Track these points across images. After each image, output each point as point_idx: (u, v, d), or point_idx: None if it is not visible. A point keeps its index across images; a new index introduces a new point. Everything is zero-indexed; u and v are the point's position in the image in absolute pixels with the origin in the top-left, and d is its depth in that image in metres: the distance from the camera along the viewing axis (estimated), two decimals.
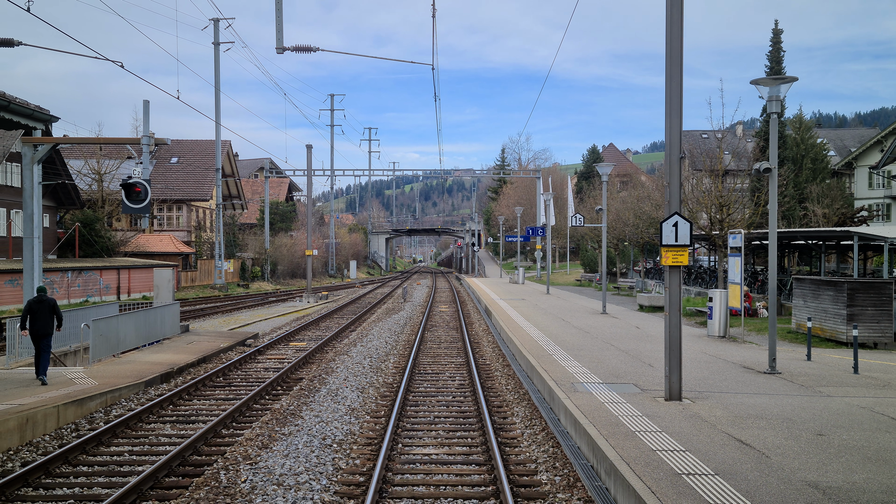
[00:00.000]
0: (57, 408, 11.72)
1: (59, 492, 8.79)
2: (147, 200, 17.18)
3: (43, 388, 13.32)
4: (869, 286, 17.65)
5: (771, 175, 13.18)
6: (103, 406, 13.15)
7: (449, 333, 24.59)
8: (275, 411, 12.64)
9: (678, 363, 10.66)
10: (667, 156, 10.51)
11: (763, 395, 11.26)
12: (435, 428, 11.74)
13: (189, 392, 14.54)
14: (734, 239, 17.86)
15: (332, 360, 18.65)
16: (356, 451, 10.35)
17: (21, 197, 41.64)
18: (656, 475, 7.16)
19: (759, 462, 7.57)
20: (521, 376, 15.47)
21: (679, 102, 10.24)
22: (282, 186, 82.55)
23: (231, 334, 23.30)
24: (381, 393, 14.50)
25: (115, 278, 41.18)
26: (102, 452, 10.46)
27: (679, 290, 10.64)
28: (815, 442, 8.41)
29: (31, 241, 17.58)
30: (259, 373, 17.25)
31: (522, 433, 11.27)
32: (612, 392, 11.55)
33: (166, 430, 11.79)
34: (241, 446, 10.37)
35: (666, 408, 10.29)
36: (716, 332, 19.19)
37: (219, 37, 47.87)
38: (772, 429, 9.04)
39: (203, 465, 9.92)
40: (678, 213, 10.53)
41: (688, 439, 8.51)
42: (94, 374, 15.14)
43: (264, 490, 8.54)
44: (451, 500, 8.33)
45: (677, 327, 10.67)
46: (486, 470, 9.49)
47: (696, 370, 13.73)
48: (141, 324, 19.13)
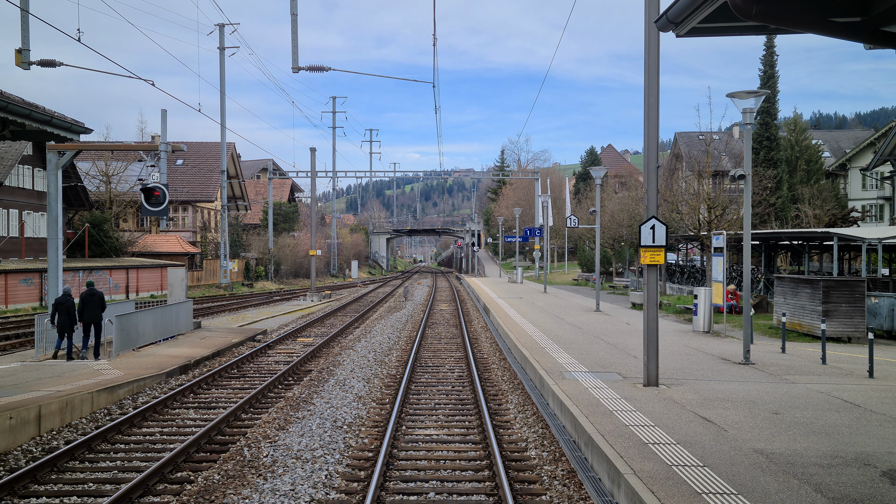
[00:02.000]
0: (91, 394, 12.86)
1: (102, 465, 9.93)
2: (165, 204, 18.34)
3: (76, 376, 14.45)
4: (843, 284, 18.78)
5: (746, 181, 14.31)
6: (130, 394, 14.29)
7: (449, 330, 25.71)
8: (288, 399, 13.77)
9: (655, 352, 11.80)
10: (645, 167, 11.64)
11: (733, 382, 12.40)
12: (435, 413, 12.86)
13: (207, 382, 15.68)
14: (717, 240, 18.97)
15: (338, 354, 19.78)
16: (364, 432, 11.48)
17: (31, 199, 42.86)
18: (626, 444, 8.30)
19: (716, 434, 8.72)
20: (516, 368, 16.60)
21: (656, 125, 11.38)
22: (284, 187, 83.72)
23: (241, 330, 24.44)
24: (385, 383, 15.63)
25: (123, 278, 42.32)
26: (136, 433, 11.60)
27: (656, 287, 11.77)
28: (770, 419, 9.56)
29: (55, 241, 18.72)
30: (270, 365, 18.38)
31: (515, 417, 12.39)
32: (597, 379, 12.70)
33: (190, 415, 12.92)
34: (261, 428, 11.50)
35: (643, 392, 11.44)
36: (701, 328, 20.31)
37: (224, 42, 49.03)
38: (734, 409, 10.18)
39: (227, 443, 11.06)
40: (655, 216, 11.67)
41: (658, 417, 9.65)
42: (118, 365, 16.28)
43: (284, 463, 9.67)
44: (450, 472, 9.45)
45: (654, 320, 11.80)
46: (481, 447, 10.62)
47: (676, 361, 14.86)
48: (158, 320, 20.27)
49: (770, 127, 57.15)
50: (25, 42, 12.59)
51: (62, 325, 16.60)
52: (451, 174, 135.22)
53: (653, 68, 11.30)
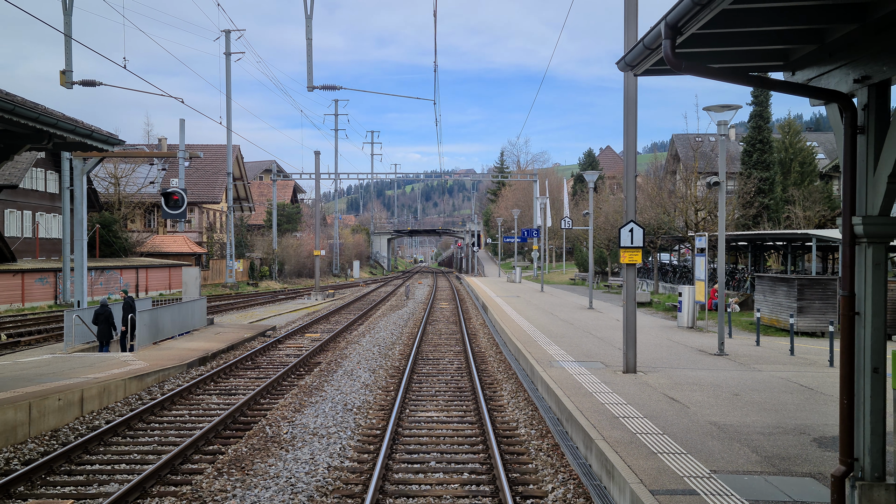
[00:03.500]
0: (124, 381, 14.19)
1: (142, 440, 11.26)
2: (184, 207, 19.68)
3: (106, 366, 15.78)
4: (816, 283, 20.10)
5: (720, 188, 15.63)
6: (157, 382, 15.62)
7: (448, 327, 27.04)
8: (301, 387, 15.09)
9: (633, 343, 13.12)
10: (625, 176, 12.97)
11: (704, 370, 13.73)
12: (436, 399, 14.17)
13: (225, 372, 17.00)
14: (700, 241, 20.29)
15: (344, 348, 21.11)
16: (372, 414, 12.80)
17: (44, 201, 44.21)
18: (600, 418, 9.63)
19: (679, 411, 10.04)
20: (511, 360, 17.93)
21: (634, 140, 12.71)
22: (287, 188, 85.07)
23: (251, 326, 25.78)
24: (389, 373, 16.95)
25: (133, 277, 43.66)
26: (167, 415, 12.92)
27: (634, 284, 13.10)
28: (729, 399, 10.88)
29: (80, 242, 20.05)
30: (282, 358, 19.71)
31: (508, 402, 13.70)
32: (582, 367, 14.03)
33: (214, 400, 14.25)
34: (279, 410, 12.82)
35: (622, 377, 12.76)
36: (685, 324, 21.64)
37: (230, 47, 50.30)
38: (700, 391, 11.51)
39: (250, 423, 12.38)
40: (633, 220, 12.99)
41: (631, 397, 10.98)
42: (142, 357, 17.61)
43: (302, 438, 10.99)
44: (449, 446, 10.77)
45: (633, 314, 13.12)
46: (476, 427, 11.94)
47: (657, 352, 16.19)
48: (176, 316, 21.61)
49: (763, 130, 58.40)
50: (68, 64, 13.88)
51: (102, 334, 18.08)
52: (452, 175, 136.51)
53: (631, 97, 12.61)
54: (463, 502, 8.29)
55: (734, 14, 5.70)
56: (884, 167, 5.72)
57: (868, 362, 5.91)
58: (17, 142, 12.53)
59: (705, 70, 6.03)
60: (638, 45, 6.49)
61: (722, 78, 6.13)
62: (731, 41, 6.68)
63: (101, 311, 18.10)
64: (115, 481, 9.19)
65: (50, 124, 11.52)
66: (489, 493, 8.60)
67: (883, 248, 5.89)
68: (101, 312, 18.06)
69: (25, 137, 12.39)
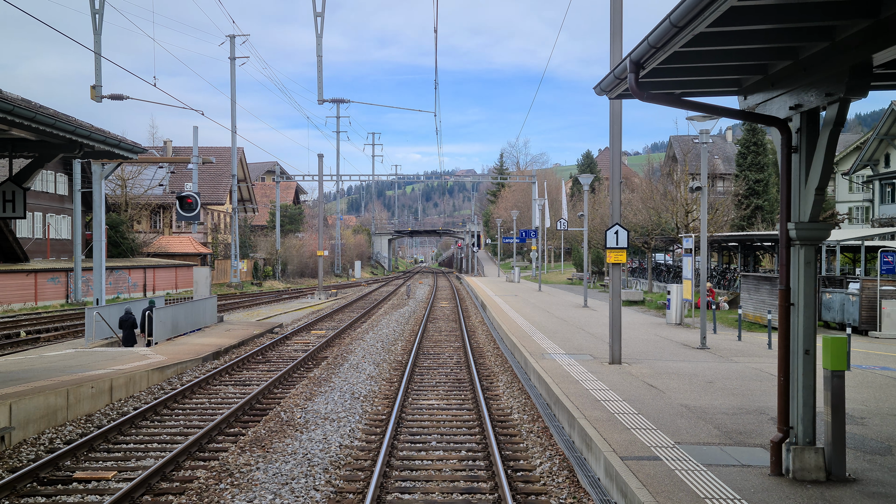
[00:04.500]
0: (147, 372, 15.29)
1: (169, 423, 12.36)
2: (197, 210, 20.78)
3: (127, 359, 16.87)
4: None
5: (702, 192, 16.72)
6: (176, 374, 16.72)
7: (448, 324, 28.14)
8: (310, 378, 16.19)
9: (619, 336, 14.22)
10: (611, 184, 14.06)
11: (685, 362, 14.82)
12: (436, 389, 15.27)
13: (239, 365, 18.10)
14: (687, 242, 21.39)
15: (349, 343, 22.20)
16: (378, 402, 13.89)
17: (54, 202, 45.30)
18: (584, 401, 10.72)
19: (656, 395, 11.14)
20: (507, 354, 19.02)
21: (619, 151, 13.81)
22: (289, 189, 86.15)
23: (259, 324, 26.88)
24: (392, 366, 18.04)
25: (141, 277, 44.78)
26: (188, 402, 14.02)
27: (619, 282, 14.20)
28: (702, 386, 11.98)
29: (100, 243, 21.16)
30: (290, 353, 20.81)
31: (503, 392, 14.79)
32: (571, 359, 15.13)
33: (230, 390, 15.35)
34: (291, 399, 13.92)
35: (607, 368, 13.86)
36: (673, 321, 22.73)
37: (234, 52, 51.44)
38: (677, 379, 12.61)
39: (266, 409, 13.48)
40: (619, 223, 14.09)
41: (614, 384, 12.08)
42: (160, 351, 18.71)
43: (315, 422, 12.08)
44: (448, 429, 11.86)
45: (618, 309, 14.22)
46: (474, 413, 13.03)
47: (643, 346, 17.28)
48: (189, 313, 22.71)
49: (757, 132, 59.50)
50: (98, 79, 15.05)
51: (127, 339, 19.33)
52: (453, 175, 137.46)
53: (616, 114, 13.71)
54: (461, 475, 9.37)
55: (686, 54, 6.80)
56: (812, 181, 6.82)
57: (801, 345, 7.01)
58: (52, 151, 13.64)
59: (664, 98, 7.13)
60: (609, 75, 7.59)
61: (679, 106, 7.23)
62: (691, 73, 7.78)
63: (126, 318, 19.41)
64: (150, 457, 10.29)
65: (83, 136, 12.62)
66: (484, 468, 9.69)
67: (813, 249, 6.99)
68: (125, 319, 19.38)
69: (59, 147, 13.49)
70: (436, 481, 9.09)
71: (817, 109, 6.89)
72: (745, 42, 6.77)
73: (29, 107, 10.86)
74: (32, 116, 10.85)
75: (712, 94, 8.63)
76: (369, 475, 9.26)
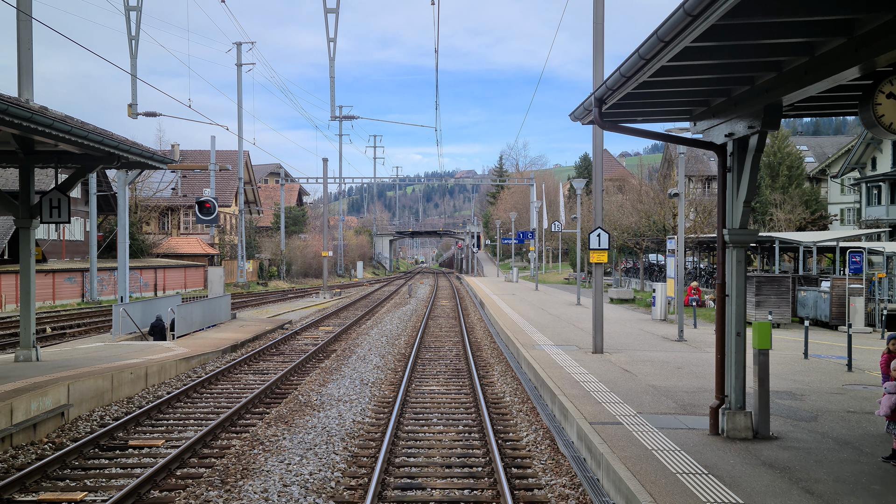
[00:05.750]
0: (175, 362, 16.91)
1: (201, 404, 13.97)
2: (216, 213, 22.42)
3: (154, 351, 18.49)
4: (772, 280, 22.79)
5: (679, 198, 18.33)
6: (199, 364, 18.34)
7: (448, 321, 29.75)
8: (322, 368, 17.80)
9: (601, 328, 15.83)
10: (594, 192, 15.66)
11: (661, 351, 16.43)
12: (437, 377, 16.87)
13: (255, 357, 19.72)
14: (671, 243, 22.98)
15: (355, 338, 23.82)
16: (384, 388, 15.50)
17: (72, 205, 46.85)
18: (565, 383, 12.34)
19: (629, 378, 12.75)
20: (503, 347, 20.63)
21: (600, 168, 15.42)
22: (292, 191, 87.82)
23: (270, 321, 28.50)
24: (396, 358, 19.64)
25: (152, 276, 46.42)
26: (215, 388, 15.63)
27: (601, 280, 15.80)
28: (671, 371, 13.59)
29: (124, 245, 22.77)
30: (302, 346, 22.42)
31: (497, 379, 16.39)
32: (559, 349, 16.75)
33: (250, 378, 16.96)
34: (307, 385, 15.53)
35: (590, 357, 15.48)
36: (658, 317, 24.34)
37: (241, 59, 53.00)
38: (650, 366, 14.22)
39: (285, 393, 15.08)
40: (601, 227, 15.70)
41: (594, 370, 13.69)
42: (182, 344, 20.32)
43: (330, 403, 13.69)
44: (448, 409, 13.46)
45: (600, 304, 15.83)
46: (470, 396, 14.63)
47: (626, 339, 18.89)
48: (206, 310, 24.34)
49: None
50: (134, 98, 16.69)
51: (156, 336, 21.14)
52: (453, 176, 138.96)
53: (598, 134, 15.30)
54: (458, 444, 10.97)
55: (638, 94, 8.41)
56: (741, 195, 8.43)
57: (734, 328, 8.62)
58: (94, 163, 15.26)
59: (623, 128, 8.76)
60: (580, 107, 9.21)
61: (634, 135, 8.84)
62: (648, 105, 9.41)
63: (157, 323, 21.24)
64: (189, 430, 11.91)
65: (125, 150, 14.25)
66: (478, 439, 11.30)
67: (743, 250, 8.60)
68: (156, 325, 21.26)
69: (100, 159, 15.11)
70: (437, 448, 10.70)
71: (746, 137, 8.50)
72: (688, 86, 8.39)
73: (84, 126, 12.49)
74: (85, 135, 12.47)
75: (670, 120, 10.26)
76: (380, 443, 10.87)
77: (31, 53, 14.84)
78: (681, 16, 5.66)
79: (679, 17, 5.70)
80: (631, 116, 9.86)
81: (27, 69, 14.71)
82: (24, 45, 14.74)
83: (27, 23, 14.66)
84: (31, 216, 15.12)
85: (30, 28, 14.79)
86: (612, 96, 8.17)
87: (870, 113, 6.45)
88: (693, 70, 7.52)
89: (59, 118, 12.35)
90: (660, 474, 7.24)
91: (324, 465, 9.65)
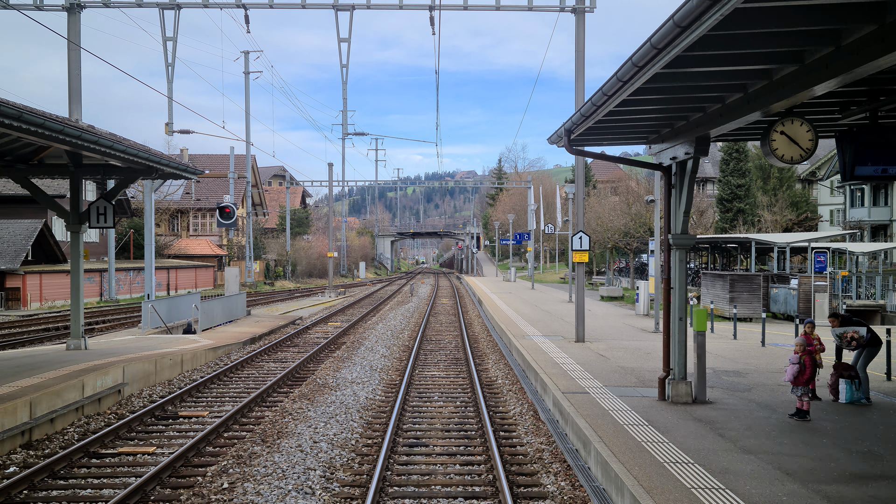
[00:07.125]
0: (204, 351, 18.99)
1: (233, 386, 16.04)
2: (234, 218, 24.46)
3: (183, 342, 20.56)
4: (744, 278, 24.86)
5: (655, 205, 20.38)
6: (224, 353, 20.41)
7: (448, 317, 31.82)
8: (335, 357, 19.87)
9: (583, 320, 17.91)
10: (576, 193, 17.73)
11: (637, 341, 18.49)
12: (438, 365, 18.93)
13: (273, 348, 21.79)
14: (652, 244, 25.03)
15: (362, 332, 25.88)
16: (391, 373, 17.57)
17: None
18: (547, 365, 14.40)
19: (603, 361, 14.82)
20: (498, 340, 22.69)
21: (582, 182, 17.49)
22: (296, 193, 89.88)
23: (282, 317, 30.58)
24: (401, 349, 21.70)
25: (165, 276, 48.49)
26: (241, 374, 17.70)
27: (583, 277, 17.87)
28: (641, 356, 15.65)
29: (150, 247, 24.82)
30: (314, 339, 24.49)
31: (492, 366, 18.46)
32: (546, 339, 18.82)
33: (272, 365, 19.03)
34: (322, 371, 17.59)
35: (573, 345, 17.55)
36: (641, 312, 26.40)
37: (248, 66, 55.10)
38: (624, 352, 16.28)
39: (303, 377, 17.15)
40: (582, 230, 17.76)
41: (574, 355, 15.76)
42: (206, 337, 22.39)
43: (344, 385, 15.75)
44: (447, 390, 15.51)
45: (582, 298, 17.89)
46: (467, 380, 16.69)
47: (608, 331, 20.95)
48: (225, 307, 26.41)
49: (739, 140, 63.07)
50: (170, 118, 18.80)
51: None
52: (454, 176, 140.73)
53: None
54: (456, 414, 13.03)
55: (602, 125, 10.48)
56: (682, 207, 10.50)
57: (677, 314, 10.69)
58: (135, 174, 17.34)
59: (589, 153, 10.84)
60: (553, 135, 11.29)
61: (600, 158, 10.92)
62: (611, 132, 11.48)
63: (188, 328, 23.22)
64: (227, 405, 13.98)
65: (164, 164, 16.32)
66: (473, 411, 13.37)
67: (684, 251, 10.66)
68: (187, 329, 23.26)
69: (140, 171, 17.18)
70: (438, 418, 12.76)
71: (685, 161, 10.57)
72: (643, 116, 10.46)
73: (134, 145, 14.57)
74: (135, 153, 14.55)
75: (632, 144, 12.32)
76: (390, 413, 12.94)
77: (79, 78, 16.89)
78: (629, 66, 7.67)
79: (628, 67, 7.71)
80: (598, 141, 11.93)
81: (76, 92, 16.78)
82: (74, 71, 16.80)
83: (76, 52, 16.73)
84: (80, 222, 17.19)
85: (79, 56, 16.85)
86: (578, 128, 10.24)
87: (767, 146, 8.51)
88: (645, 104, 9.58)
89: (104, 135, 14.41)
90: (611, 426, 9.30)
91: (345, 429, 11.72)
